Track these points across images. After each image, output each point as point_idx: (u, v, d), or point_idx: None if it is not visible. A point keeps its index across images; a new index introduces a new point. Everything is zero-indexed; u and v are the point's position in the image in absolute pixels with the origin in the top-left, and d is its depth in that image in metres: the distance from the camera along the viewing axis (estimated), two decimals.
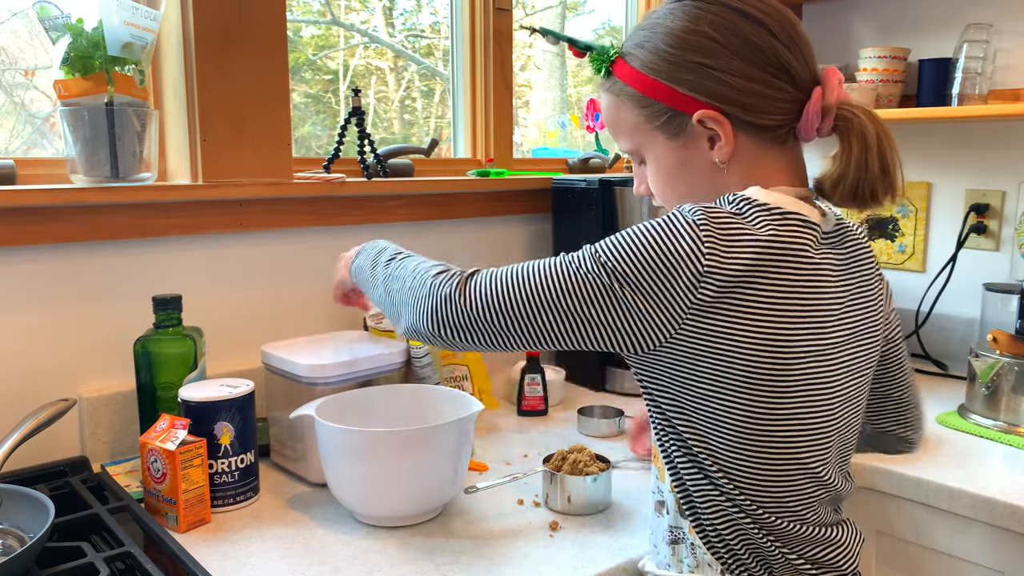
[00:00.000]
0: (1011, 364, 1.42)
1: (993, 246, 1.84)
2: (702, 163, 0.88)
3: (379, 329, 1.43)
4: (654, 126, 0.89)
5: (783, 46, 0.84)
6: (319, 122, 1.78)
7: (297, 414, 1.14)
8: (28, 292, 1.23)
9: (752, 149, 0.86)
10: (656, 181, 0.93)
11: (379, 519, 1.09)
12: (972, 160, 1.86)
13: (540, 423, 1.53)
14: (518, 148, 2.05)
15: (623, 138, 0.94)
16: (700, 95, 0.85)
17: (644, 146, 0.92)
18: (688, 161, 0.89)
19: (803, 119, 0.85)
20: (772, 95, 0.84)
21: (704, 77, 0.85)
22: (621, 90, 0.91)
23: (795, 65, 0.85)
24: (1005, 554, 1.19)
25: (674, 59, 0.86)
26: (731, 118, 0.85)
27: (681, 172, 0.90)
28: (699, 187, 0.90)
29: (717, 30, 0.84)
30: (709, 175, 0.88)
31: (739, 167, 0.87)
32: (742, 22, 0.84)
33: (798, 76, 0.85)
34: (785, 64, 0.84)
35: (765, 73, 0.84)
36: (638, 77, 0.89)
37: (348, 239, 1.58)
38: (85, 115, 1.21)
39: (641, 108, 0.90)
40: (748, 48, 0.84)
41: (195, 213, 1.36)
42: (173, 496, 1.06)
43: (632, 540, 1.06)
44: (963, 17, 1.81)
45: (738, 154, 0.86)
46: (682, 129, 0.88)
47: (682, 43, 0.86)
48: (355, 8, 1.85)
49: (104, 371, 1.32)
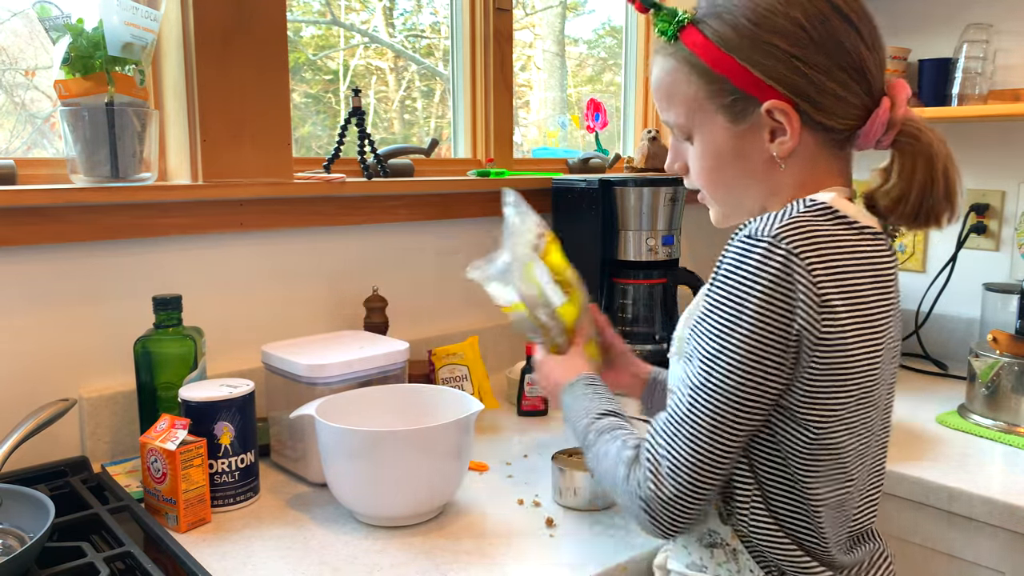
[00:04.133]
0: (1011, 364, 1.42)
1: (993, 246, 1.84)
2: (758, 155, 0.84)
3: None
4: (716, 105, 0.84)
5: (867, 50, 0.81)
6: (319, 122, 1.78)
7: (297, 414, 1.14)
8: (28, 292, 1.23)
9: (812, 148, 0.83)
10: (702, 163, 0.89)
11: (379, 519, 1.09)
12: (972, 160, 1.86)
13: (540, 423, 1.53)
14: (518, 148, 2.05)
15: (676, 109, 0.88)
16: (776, 83, 0.81)
17: (698, 124, 0.87)
18: (744, 149, 0.85)
19: (868, 126, 0.82)
20: (847, 98, 0.81)
21: (784, 65, 0.80)
22: (686, 59, 0.85)
23: (873, 71, 0.82)
24: (1005, 554, 1.19)
25: (756, 38, 0.81)
26: (801, 113, 0.81)
27: (734, 160, 0.86)
28: (749, 180, 0.87)
29: (809, 20, 0.80)
30: (762, 169, 0.85)
31: (795, 165, 0.84)
32: (835, 18, 0.80)
33: (873, 83, 0.82)
34: (865, 69, 0.81)
35: (845, 74, 0.81)
36: (710, 49, 0.83)
37: (348, 239, 1.58)
38: (85, 115, 1.21)
39: (706, 83, 0.84)
40: (835, 46, 0.80)
41: (195, 213, 1.36)
42: (173, 496, 1.06)
43: (632, 539, 1.06)
44: (963, 17, 1.81)
45: (797, 151, 0.83)
46: (746, 114, 0.83)
47: (768, 24, 0.80)
48: (355, 8, 1.85)
49: (104, 371, 1.32)
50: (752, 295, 0.76)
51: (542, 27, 2.24)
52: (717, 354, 0.78)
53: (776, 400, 0.79)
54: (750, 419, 0.79)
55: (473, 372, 1.56)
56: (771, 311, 0.75)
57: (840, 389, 0.78)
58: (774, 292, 0.75)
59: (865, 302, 0.78)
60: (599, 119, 2.08)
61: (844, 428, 0.80)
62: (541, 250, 1.09)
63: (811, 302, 0.75)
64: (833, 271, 0.76)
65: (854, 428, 0.81)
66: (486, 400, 1.55)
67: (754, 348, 0.76)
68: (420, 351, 1.64)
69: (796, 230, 0.76)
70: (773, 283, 0.75)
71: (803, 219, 0.78)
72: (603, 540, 1.06)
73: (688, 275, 1.77)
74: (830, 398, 0.78)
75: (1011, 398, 1.42)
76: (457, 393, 1.22)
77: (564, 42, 2.26)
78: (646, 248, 1.72)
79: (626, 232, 1.72)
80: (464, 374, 1.56)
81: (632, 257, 1.73)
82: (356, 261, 1.60)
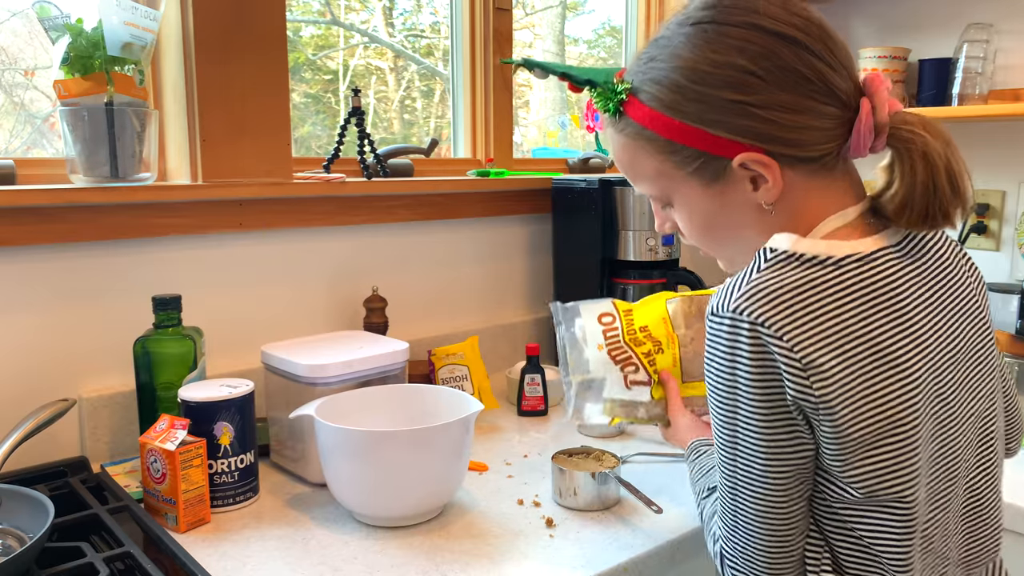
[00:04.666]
0: (1011, 364, 1.42)
1: (993, 246, 1.84)
2: (745, 204, 0.79)
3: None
4: (685, 172, 0.79)
5: (826, 65, 0.74)
6: (319, 122, 1.78)
7: (297, 414, 1.14)
8: (28, 292, 1.23)
9: (800, 181, 0.77)
10: (691, 228, 0.84)
11: (379, 519, 1.09)
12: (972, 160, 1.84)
13: (540, 423, 1.53)
14: (518, 148, 2.05)
15: (645, 183, 0.84)
16: (740, 136, 0.74)
17: (673, 192, 0.82)
18: (729, 205, 0.79)
19: (854, 139, 0.75)
20: (821, 123, 0.75)
21: (743, 116, 0.74)
22: (638, 133, 0.80)
23: (840, 84, 0.75)
24: (1006, 554, 1.19)
25: (704, 98, 0.74)
26: (777, 157, 0.75)
27: (722, 217, 0.80)
28: (743, 230, 0.81)
29: (753, 60, 0.73)
30: (754, 216, 0.79)
31: (788, 204, 0.78)
32: (779, 45, 0.73)
33: (845, 95, 0.75)
34: (831, 86, 0.74)
35: (811, 101, 0.74)
36: (660, 119, 0.77)
37: (348, 239, 1.58)
38: (85, 115, 1.21)
39: (667, 153, 0.79)
40: (791, 76, 0.73)
41: (195, 213, 1.36)
42: (173, 496, 1.06)
43: (632, 539, 1.06)
44: (963, 17, 1.81)
45: (786, 191, 0.77)
46: (720, 173, 0.77)
47: (712, 78, 0.74)
48: (355, 8, 1.85)
49: (104, 371, 1.31)
50: (739, 377, 0.72)
51: (542, 27, 2.23)
52: (734, 445, 0.75)
53: (813, 462, 0.75)
54: (794, 490, 0.75)
55: (473, 372, 1.56)
56: (762, 387, 0.71)
57: (868, 441, 0.71)
58: (756, 368, 0.71)
59: (867, 341, 0.71)
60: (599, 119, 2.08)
61: (889, 479, 0.73)
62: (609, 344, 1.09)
63: (794, 369, 0.70)
64: (809, 329, 0.70)
65: (902, 474, 0.73)
66: (486, 400, 1.55)
67: (763, 427, 0.72)
68: (420, 351, 1.64)
69: (754, 297, 0.71)
70: (751, 359, 0.71)
71: (762, 281, 0.72)
72: (603, 540, 1.06)
73: (688, 275, 1.76)
74: (860, 455, 0.71)
75: None
76: (457, 393, 1.22)
77: (564, 42, 2.26)
78: (646, 248, 1.71)
79: (626, 232, 1.72)
80: (464, 374, 1.56)
81: (632, 257, 1.73)
82: (356, 261, 1.60)
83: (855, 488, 0.73)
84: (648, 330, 1.10)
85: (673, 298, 1.13)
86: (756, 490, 0.75)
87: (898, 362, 0.72)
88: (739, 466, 0.75)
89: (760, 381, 0.71)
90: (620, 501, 1.17)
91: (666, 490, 1.20)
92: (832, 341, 0.70)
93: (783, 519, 0.75)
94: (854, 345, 0.71)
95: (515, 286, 1.89)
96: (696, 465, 0.98)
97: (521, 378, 1.58)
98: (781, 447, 0.73)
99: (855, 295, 0.73)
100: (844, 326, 0.71)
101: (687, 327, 1.10)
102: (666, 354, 1.09)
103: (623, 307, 1.12)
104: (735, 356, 0.72)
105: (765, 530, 0.75)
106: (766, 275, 0.73)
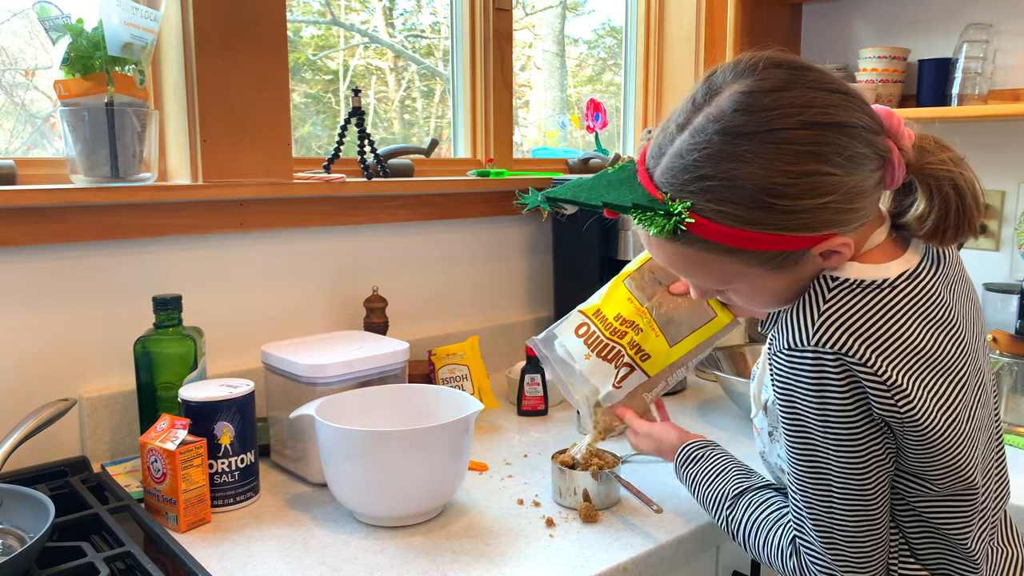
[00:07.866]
0: (1011, 364, 1.42)
1: (993, 246, 1.84)
2: (813, 271, 0.80)
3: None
4: (755, 265, 0.78)
5: (871, 132, 0.76)
6: (319, 122, 1.78)
7: (297, 414, 1.14)
8: (28, 292, 1.23)
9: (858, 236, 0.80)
10: (753, 303, 0.86)
11: (379, 519, 1.09)
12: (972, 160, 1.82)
13: (540, 423, 1.53)
14: (518, 148, 2.05)
15: (703, 280, 0.84)
16: (824, 230, 0.75)
17: (737, 284, 0.83)
18: (800, 280, 0.81)
19: (888, 183, 0.78)
20: (875, 191, 0.78)
21: (827, 213, 0.74)
22: (708, 247, 0.77)
23: (880, 142, 0.77)
24: None
25: (788, 209, 0.73)
26: (850, 232, 0.77)
27: (791, 289, 0.82)
28: (799, 288, 0.82)
29: (825, 160, 0.72)
30: (815, 274, 0.81)
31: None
32: (839, 134, 0.73)
33: (882, 148, 0.77)
34: (878, 149, 0.76)
35: (870, 172, 0.76)
36: (739, 235, 0.75)
37: (348, 239, 1.58)
38: (85, 115, 1.21)
39: (740, 258, 0.77)
40: (856, 159, 0.74)
41: (195, 213, 1.36)
42: (173, 496, 1.06)
43: (632, 539, 1.06)
44: (963, 17, 1.81)
45: None
46: (797, 260, 0.78)
47: (793, 190, 0.73)
48: (355, 8, 1.85)
49: (104, 371, 1.32)
50: (829, 405, 0.77)
51: (542, 27, 2.23)
52: (826, 470, 0.79)
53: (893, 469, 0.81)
54: (884, 493, 0.81)
55: (473, 372, 1.56)
56: (853, 411, 0.76)
57: (949, 444, 0.78)
58: (846, 395, 0.76)
59: (931, 354, 0.77)
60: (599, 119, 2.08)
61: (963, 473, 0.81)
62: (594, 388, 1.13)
63: (879, 391, 0.75)
64: (885, 351, 0.75)
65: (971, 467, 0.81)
66: (486, 400, 1.55)
67: (856, 446, 0.77)
68: (420, 351, 1.65)
69: (833, 328, 0.76)
70: (840, 387, 0.76)
71: (835, 312, 0.76)
72: (603, 540, 1.06)
73: None
74: (941, 456, 0.79)
75: (1011, 398, 1.42)
76: (457, 393, 1.22)
77: (564, 42, 2.26)
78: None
79: (626, 232, 1.72)
80: (464, 374, 1.56)
81: (632, 257, 1.72)
82: (356, 261, 1.60)
83: (936, 484, 0.80)
84: (622, 316, 1.12)
85: (625, 277, 1.15)
86: (855, 504, 0.80)
87: (954, 368, 0.79)
88: (833, 488, 0.80)
89: (851, 406, 0.76)
90: (620, 501, 1.17)
91: (666, 490, 1.20)
92: (905, 359, 0.76)
93: (879, 523, 0.81)
94: (922, 360, 0.77)
95: (515, 286, 1.89)
96: (700, 471, 1.01)
97: (521, 378, 1.58)
98: (875, 458, 0.79)
99: (914, 312, 0.78)
100: (912, 343, 0.77)
101: (648, 297, 1.12)
102: (646, 332, 1.10)
103: (591, 311, 1.14)
104: (823, 386, 0.76)
105: (866, 536, 0.81)
106: (836, 304, 0.77)
